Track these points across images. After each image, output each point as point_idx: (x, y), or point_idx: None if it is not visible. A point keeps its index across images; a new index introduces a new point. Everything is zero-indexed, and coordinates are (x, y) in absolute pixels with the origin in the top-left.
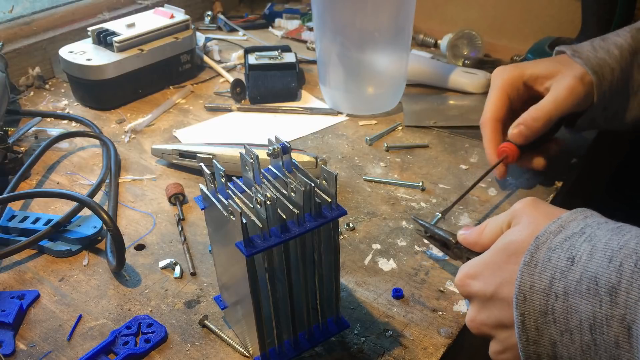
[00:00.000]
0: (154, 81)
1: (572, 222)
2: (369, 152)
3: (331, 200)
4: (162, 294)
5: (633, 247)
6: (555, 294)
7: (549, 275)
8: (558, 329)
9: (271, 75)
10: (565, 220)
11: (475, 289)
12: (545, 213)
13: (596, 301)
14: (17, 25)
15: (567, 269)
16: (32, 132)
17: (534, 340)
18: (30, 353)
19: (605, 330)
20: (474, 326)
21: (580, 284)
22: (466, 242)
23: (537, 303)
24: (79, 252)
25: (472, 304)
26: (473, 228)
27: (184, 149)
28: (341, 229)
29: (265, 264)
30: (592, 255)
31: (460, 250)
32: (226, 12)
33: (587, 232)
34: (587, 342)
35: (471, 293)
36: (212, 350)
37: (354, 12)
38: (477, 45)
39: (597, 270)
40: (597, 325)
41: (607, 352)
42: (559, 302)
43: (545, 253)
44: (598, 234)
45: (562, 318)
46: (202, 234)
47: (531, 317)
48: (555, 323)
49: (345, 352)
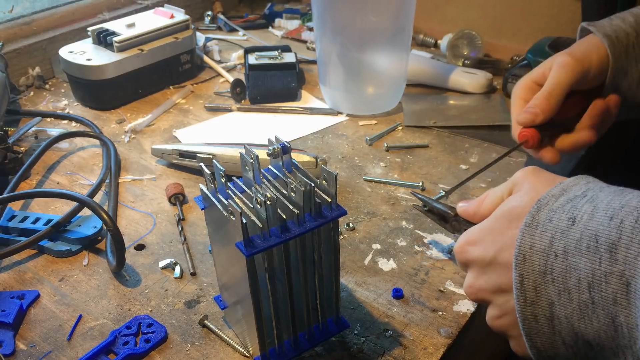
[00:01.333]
0: (154, 81)
1: (574, 186)
2: (369, 152)
3: (331, 200)
4: (162, 294)
5: (634, 205)
6: (555, 254)
7: (550, 235)
8: (556, 289)
9: (271, 75)
10: (567, 184)
11: (475, 255)
12: (547, 180)
13: (596, 258)
14: (17, 25)
15: (567, 228)
16: (32, 132)
17: (532, 301)
18: (30, 353)
19: (604, 287)
20: (472, 292)
21: (581, 242)
22: (466, 213)
23: (537, 263)
24: (79, 252)
25: (470, 270)
26: (472, 200)
27: (184, 149)
28: (341, 229)
29: (265, 264)
30: (593, 215)
31: (459, 223)
32: (226, 12)
33: (588, 195)
34: (584, 300)
35: (470, 259)
36: (212, 350)
37: (354, 12)
38: (477, 45)
39: (597, 228)
40: (595, 283)
41: (605, 310)
42: (559, 261)
43: (547, 214)
44: (600, 195)
45: (561, 277)
46: (202, 234)
47: (530, 278)
48: (554, 282)
49: (345, 352)
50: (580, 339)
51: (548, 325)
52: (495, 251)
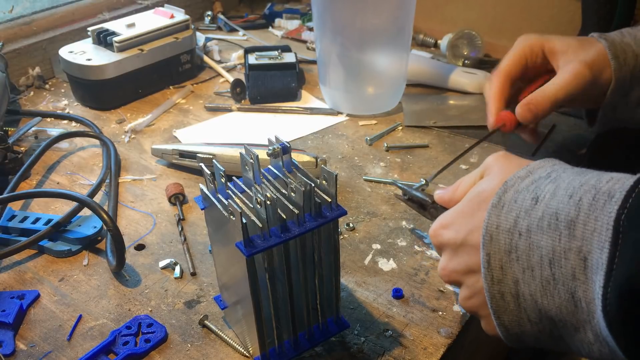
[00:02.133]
0: (154, 81)
1: (539, 168)
2: (369, 152)
3: (331, 200)
4: (162, 294)
5: (593, 183)
6: (519, 232)
7: (514, 215)
8: (520, 266)
9: (271, 75)
10: (533, 167)
11: (447, 238)
12: (516, 164)
13: (556, 235)
14: (17, 25)
15: (531, 208)
16: (32, 132)
17: (499, 279)
18: (30, 353)
19: (564, 263)
20: (445, 274)
21: (543, 220)
22: (442, 200)
23: (502, 242)
24: (79, 252)
25: (444, 253)
26: (448, 187)
27: (184, 149)
28: (341, 229)
29: (265, 264)
30: (554, 194)
31: (436, 210)
32: (226, 12)
33: (552, 176)
34: (546, 277)
35: (443, 242)
36: (212, 350)
37: (354, 12)
38: (477, 45)
39: (558, 206)
40: (555, 259)
41: (565, 286)
42: (522, 239)
43: (512, 195)
44: (562, 176)
45: (525, 255)
46: (202, 234)
47: (496, 257)
48: (518, 260)
49: (345, 352)
50: (544, 315)
51: (514, 302)
52: (465, 233)
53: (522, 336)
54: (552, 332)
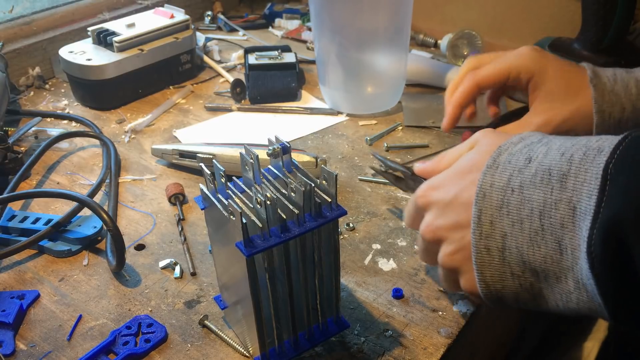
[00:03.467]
0: (154, 81)
1: (531, 136)
2: (368, 152)
3: (331, 200)
4: (162, 294)
5: (584, 142)
6: (512, 189)
7: (508, 174)
8: (510, 221)
9: (271, 75)
10: (525, 135)
11: (436, 198)
12: (505, 137)
13: (548, 189)
14: (17, 25)
15: (524, 167)
16: (32, 132)
17: (487, 234)
18: (30, 353)
19: (553, 213)
20: (429, 230)
21: (535, 176)
22: (424, 171)
23: (495, 199)
24: (79, 252)
25: (430, 212)
26: (429, 159)
27: (184, 149)
28: (341, 229)
29: (265, 264)
30: (547, 154)
31: (415, 182)
32: (226, 12)
33: (544, 141)
34: (535, 228)
35: (432, 201)
36: (212, 350)
37: (352, 12)
38: (477, 45)
39: (550, 163)
40: (546, 211)
41: (553, 235)
42: (515, 195)
43: (506, 157)
44: (554, 140)
45: (515, 210)
46: (202, 234)
47: (487, 212)
48: (509, 215)
49: (345, 352)
50: (528, 267)
51: (499, 256)
52: (455, 192)
53: (502, 292)
54: (532, 286)
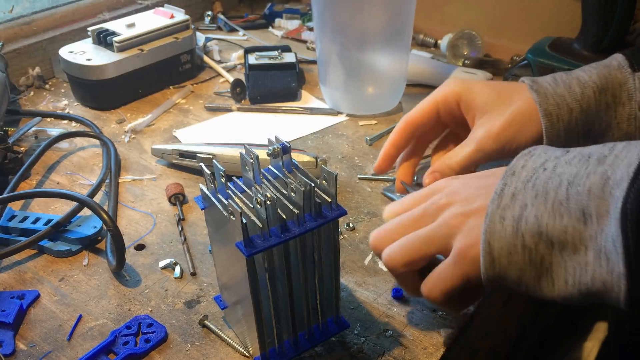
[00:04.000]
0: (154, 81)
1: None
2: (369, 152)
3: (331, 200)
4: (162, 294)
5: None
6: (544, 168)
7: (543, 159)
8: (534, 192)
9: (271, 75)
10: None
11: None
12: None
13: (583, 166)
14: (17, 25)
15: (562, 154)
16: (32, 132)
17: (506, 205)
18: (30, 353)
19: (583, 182)
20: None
21: (573, 158)
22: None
23: (524, 175)
24: (79, 252)
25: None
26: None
27: (184, 149)
28: (341, 229)
29: (265, 264)
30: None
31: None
32: (226, 12)
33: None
34: (560, 198)
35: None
36: (212, 350)
37: (354, 12)
38: (477, 45)
39: (591, 150)
40: (575, 182)
41: (578, 204)
42: (546, 172)
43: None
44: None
45: (542, 183)
46: (202, 234)
47: (512, 185)
48: (534, 188)
49: (345, 352)
50: (544, 238)
51: (512, 227)
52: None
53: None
54: (542, 261)
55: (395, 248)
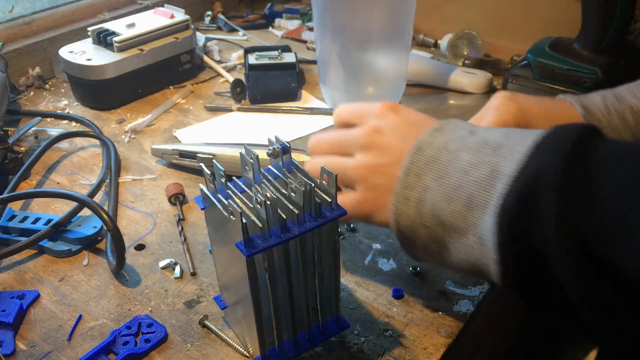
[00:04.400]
0: (154, 81)
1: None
2: None
3: (331, 200)
4: (162, 294)
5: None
6: (448, 150)
7: (449, 138)
8: (435, 175)
9: (271, 75)
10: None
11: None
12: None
13: (479, 153)
14: (17, 25)
15: (466, 137)
16: (32, 132)
17: (411, 185)
18: (30, 353)
19: (474, 172)
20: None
21: (473, 144)
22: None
23: (428, 154)
24: (79, 252)
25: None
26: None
27: (184, 149)
28: (341, 229)
29: (265, 264)
30: (490, 132)
31: None
32: (226, 12)
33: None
34: (454, 185)
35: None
36: (212, 350)
37: (354, 12)
38: (477, 45)
39: (490, 137)
40: (470, 170)
41: (466, 192)
42: (448, 155)
43: (453, 127)
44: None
45: (443, 166)
46: (202, 234)
47: (418, 164)
48: (435, 170)
49: (345, 352)
50: (439, 220)
51: (415, 208)
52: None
53: (414, 241)
54: (439, 239)
55: (317, 162)
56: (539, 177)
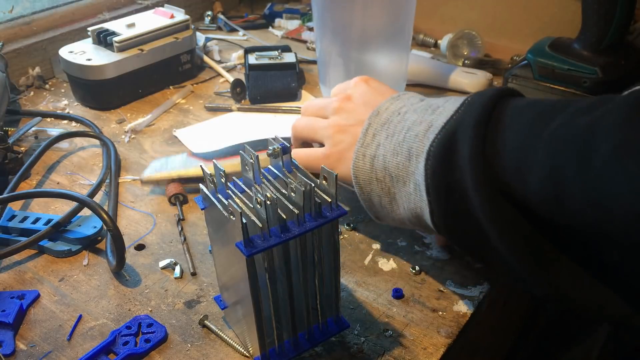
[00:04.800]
0: (154, 81)
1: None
2: None
3: (331, 200)
4: (162, 294)
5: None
6: (399, 113)
7: (402, 104)
8: (386, 134)
9: (271, 75)
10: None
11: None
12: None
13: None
14: (17, 25)
15: (416, 102)
16: (32, 132)
17: (367, 143)
18: (30, 353)
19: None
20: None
21: (419, 108)
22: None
23: (383, 117)
24: (79, 252)
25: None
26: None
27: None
28: (341, 229)
29: (265, 264)
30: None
31: None
32: (226, 12)
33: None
34: (399, 140)
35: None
36: (212, 350)
37: (354, 12)
38: (477, 45)
39: (436, 102)
40: (412, 127)
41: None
42: (399, 117)
43: (409, 96)
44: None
45: (393, 126)
46: (202, 234)
47: (374, 126)
48: (387, 130)
49: (345, 352)
50: (387, 173)
51: (370, 163)
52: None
53: (370, 195)
54: (389, 190)
55: (300, 121)
56: (461, 123)
